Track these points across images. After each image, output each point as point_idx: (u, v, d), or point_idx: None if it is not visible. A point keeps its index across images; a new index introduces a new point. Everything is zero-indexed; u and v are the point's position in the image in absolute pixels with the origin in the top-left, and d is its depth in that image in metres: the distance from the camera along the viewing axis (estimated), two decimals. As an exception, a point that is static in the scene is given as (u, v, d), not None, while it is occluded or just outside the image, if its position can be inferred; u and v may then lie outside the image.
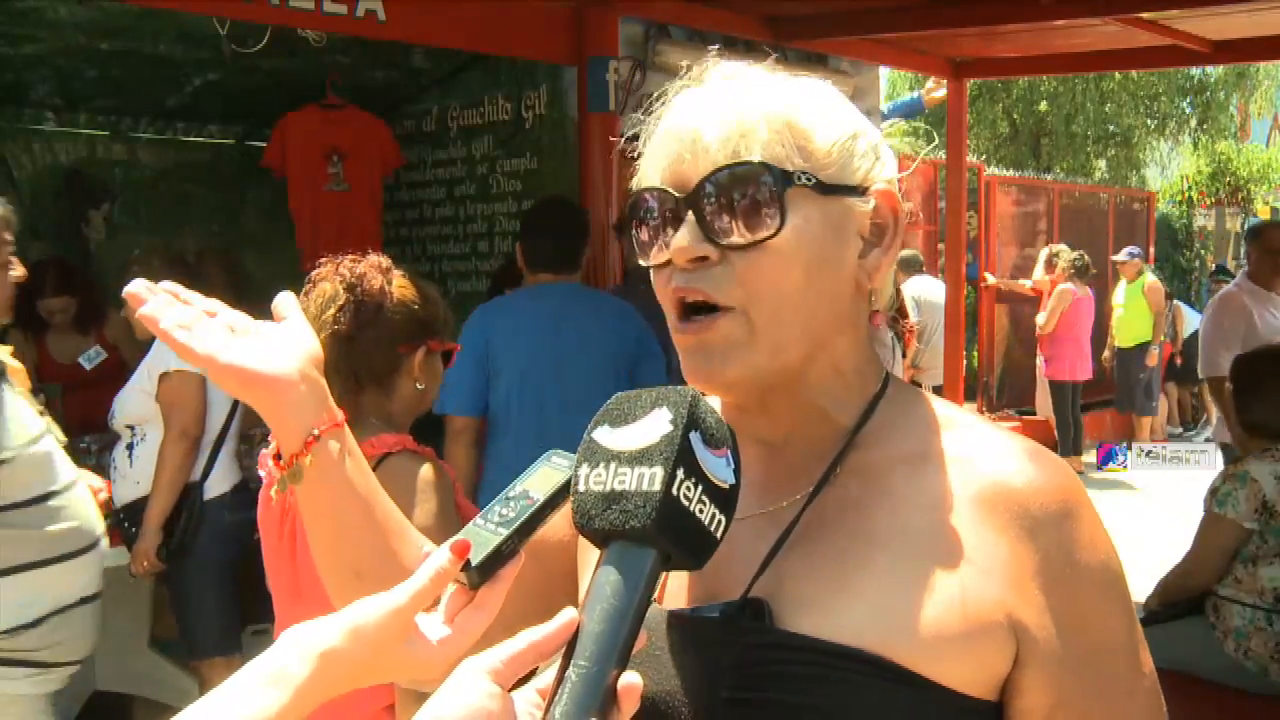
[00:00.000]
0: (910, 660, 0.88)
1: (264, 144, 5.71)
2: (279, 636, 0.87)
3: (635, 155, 1.03)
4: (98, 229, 6.12)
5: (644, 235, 0.99)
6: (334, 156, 5.51)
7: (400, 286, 2.17)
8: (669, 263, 0.96)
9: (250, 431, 4.03)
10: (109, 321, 4.93)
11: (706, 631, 0.93)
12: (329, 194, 5.53)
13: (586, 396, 3.90)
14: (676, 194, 0.95)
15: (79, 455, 3.59)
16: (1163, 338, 10.82)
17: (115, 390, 3.91)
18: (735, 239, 0.93)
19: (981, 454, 0.96)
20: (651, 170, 0.99)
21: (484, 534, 0.87)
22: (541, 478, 0.90)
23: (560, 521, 1.13)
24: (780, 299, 0.94)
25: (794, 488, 0.99)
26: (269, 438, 2.30)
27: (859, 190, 0.98)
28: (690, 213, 0.94)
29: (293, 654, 0.84)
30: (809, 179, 0.94)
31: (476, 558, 0.86)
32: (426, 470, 2.07)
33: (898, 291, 1.09)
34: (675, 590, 0.98)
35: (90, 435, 4.25)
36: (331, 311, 2.08)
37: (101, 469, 3.92)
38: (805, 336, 0.96)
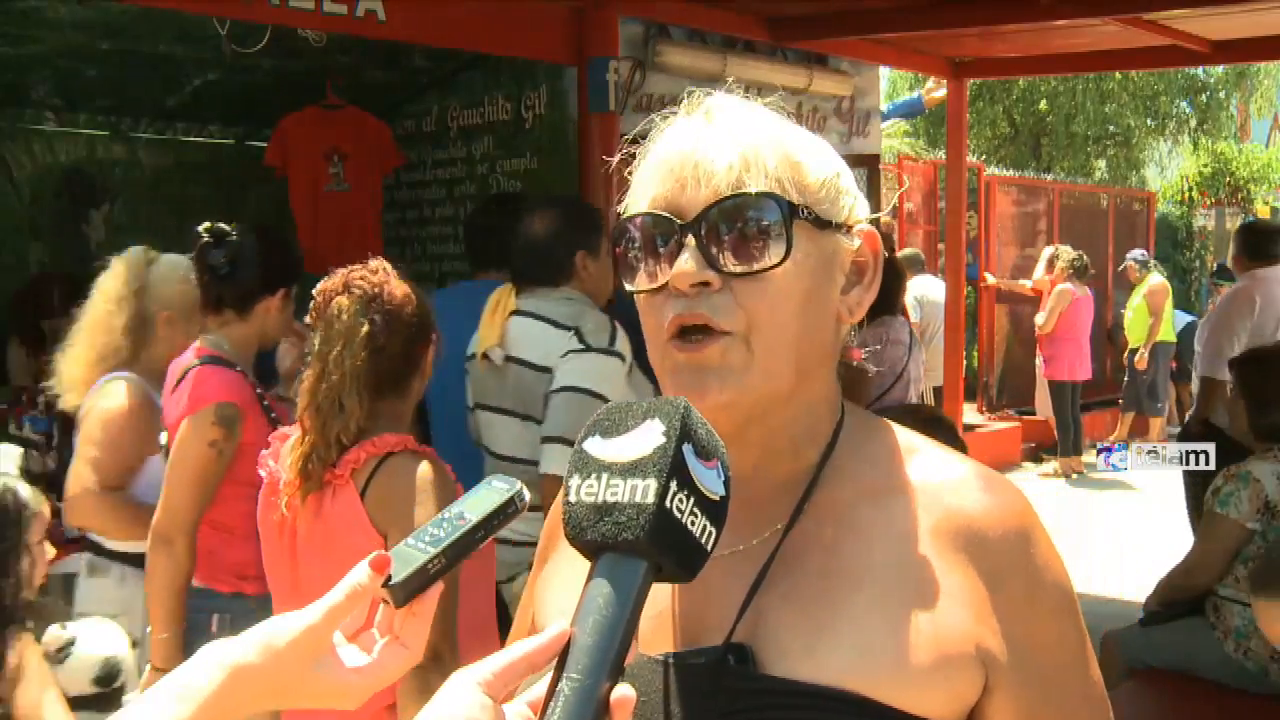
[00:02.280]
0: (891, 697, 0.89)
1: (264, 144, 5.70)
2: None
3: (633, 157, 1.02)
4: (98, 229, 6.12)
5: (632, 260, 0.98)
6: (334, 156, 5.50)
7: (403, 288, 2.17)
8: (661, 288, 0.96)
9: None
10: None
11: (692, 678, 0.93)
12: (329, 194, 5.52)
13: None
14: (676, 220, 0.95)
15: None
16: (1171, 338, 10.80)
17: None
18: (738, 267, 0.94)
19: (939, 484, 0.98)
20: (644, 195, 0.98)
21: (412, 552, 0.86)
22: (479, 500, 0.89)
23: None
24: (779, 328, 0.95)
25: (763, 525, 0.98)
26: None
27: (845, 228, 1.00)
28: (692, 239, 0.94)
29: (203, 668, 0.83)
30: (809, 214, 0.96)
31: (399, 575, 0.85)
32: (426, 469, 2.07)
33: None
34: (655, 634, 0.96)
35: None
36: (365, 328, 2.08)
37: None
38: (795, 367, 0.97)
